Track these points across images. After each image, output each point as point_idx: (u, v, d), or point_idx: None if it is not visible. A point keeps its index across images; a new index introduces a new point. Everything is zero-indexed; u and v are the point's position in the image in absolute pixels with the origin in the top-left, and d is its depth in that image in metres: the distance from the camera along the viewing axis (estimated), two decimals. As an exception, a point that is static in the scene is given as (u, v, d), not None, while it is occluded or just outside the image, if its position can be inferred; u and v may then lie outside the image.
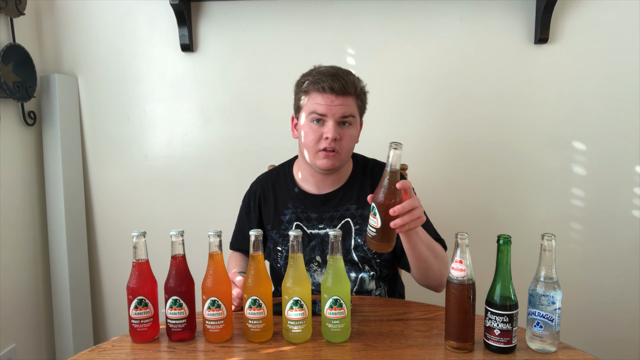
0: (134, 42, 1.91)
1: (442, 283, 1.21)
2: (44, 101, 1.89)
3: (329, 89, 1.17)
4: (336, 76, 1.19)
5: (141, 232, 0.99)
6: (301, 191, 1.33)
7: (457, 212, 1.88)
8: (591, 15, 1.75)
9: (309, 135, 1.21)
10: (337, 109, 1.18)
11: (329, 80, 1.18)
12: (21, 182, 1.84)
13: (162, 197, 1.98)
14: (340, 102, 1.19)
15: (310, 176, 1.31)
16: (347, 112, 1.20)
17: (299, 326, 0.98)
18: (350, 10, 1.82)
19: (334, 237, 0.96)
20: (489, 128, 1.84)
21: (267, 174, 1.42)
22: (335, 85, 1.17)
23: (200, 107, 1.93)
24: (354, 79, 1.22)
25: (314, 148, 1.21)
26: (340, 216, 1.29)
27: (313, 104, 1.20)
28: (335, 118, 1.19)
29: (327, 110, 1.18)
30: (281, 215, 1.32)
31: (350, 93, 1.20)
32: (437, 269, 1.18)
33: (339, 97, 1.18)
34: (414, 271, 1.20)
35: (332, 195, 1.30)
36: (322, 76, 1.19)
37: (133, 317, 0.99)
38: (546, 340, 0.94)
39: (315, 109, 1.19)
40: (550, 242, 0.91)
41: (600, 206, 1.85)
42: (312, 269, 1.30)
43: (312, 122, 1.21)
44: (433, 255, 1.16)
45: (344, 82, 1.18)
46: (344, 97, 1.19)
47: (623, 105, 1.79)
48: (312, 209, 1.30)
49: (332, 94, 1.18)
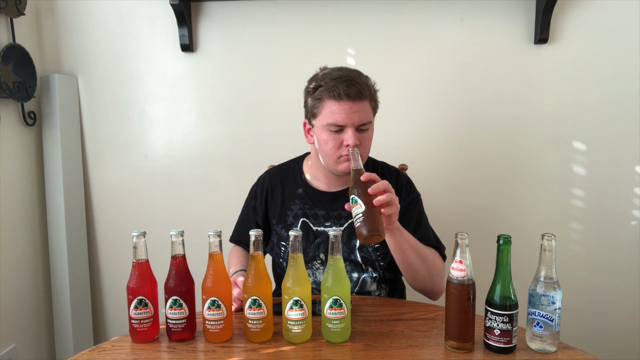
0: (133, 42, 1.91)
1: (434, 290, 1.23)
2: (44, 101, 1.89)
3: (345, 95, 1.14)
4: (350, 81, 1.15)
5: (141, 232, 0.99)
6: (310, 187, 1.32)
7: (457, 212, 1.88)
8: (591, 15, 1.75)
9: (328, 144, 1.18)
10: (356, 117, 1.15)
11: (344, 86, 1.14)
12: (21, 182, 1.84)
13: (162, 197, 1.98)
14: (357, 109, 1.15)
15: (323, 175, 1.30)
16: (365, 119, 1.17)
17: (299, 326, 0.98)
18: (350, 10, 1.82)
19: (334, 237, 0.96)
20: (488, 128, 1.84)
21: (276, 169, 1.42)
22: (351, 91, 1.13)
23: (200, 107, 1.93)
24: (366, 79, 1.19)
25: (334, 155, 1.19)
26: (348, 215, 1.28)
27: (330, 113, 1.16)
28: (354, 126, 1.16)
29: (346, 119, 1.14)
30: (288, 210, 1.32)
31: (365, 97, 1.16)
32: (427, 273, 1.19)
33: (355, 103, 1.15)
34: (403, 274, 1.23)
35: (342, 194, 1.29)
36: (335, 82, 1.15)
37: (133, 317, 1.00)
38: (546, 340, 0.94)
39: (334, 120, 1.15)
40: (550, 242, 0.91)
41: (600, 206, 1.85)
42: (315, 267, 1.30)
43: (328, 130, 1.18)
44: (420, 259, 1.17)
45: (359, 86, 1.15)
46: (361, 103, 1.16)
47: (623, 105, 1.79)
48: (320, 206, 1.30)
49: (348, 100, 1.14)
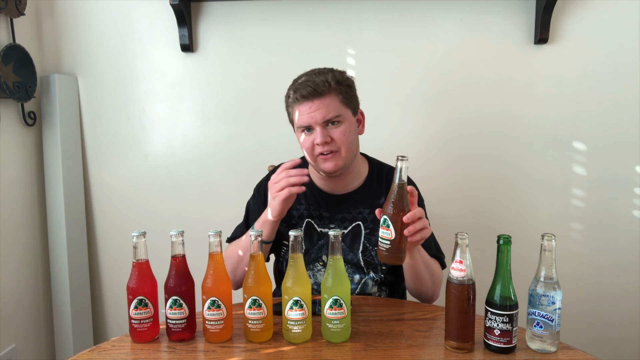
0: (134, 42, 1.91)
1: (432, 298, 1.30)
2: (44, 101, 1.89)
3: (301, 97, 1.18)
4: (307, 82, 1.18)
5: (141, 232, 0.99)
6: (316, 188, 1.32)
7: (457, 212, 1.88)
8: (591, 15, 1.75)
9: (305, 145, 1.22)
10: (317, 114, 1.17)
11: (301, 89, 1.18)
12: (21, 182, 1.84)
13: (162, 197, 1.98)
14: (317, 106, 1.17)
15: (323, 178, 1.31)
16: (329, 114, 1.17)
17: (299, 326, 0.98)
18: (350, 10, 1.82)
19: (334, 237, 0.96)
20: (489, 128, 1.84)
21: None
22: (305, 92, 1.17)
23: (200, 107, 1.93)
24: (327, 76, 1.19)
25: (312, 156, 1.22)
26: (352, 218, 1.28)
27: (297, 116, 1.21)
28: (318, 123, 1.18)
29: (309, 119, 1.18)
30: (293, 210, 1.32)
31: (324, 92, 1.17)
32: (431, 287, 1.25)
33: (314, 101, 1.17)
34: (409, 285, 1.27)
35: (347, 197, 1.30)
36: (297, 86, 1.19)
37: (133, 317, 1.00)
38: (546, 340, 0.94)
39: (300, 122, 1.20)
40: (550, 242, 0.91)
41: (600, 206, 1.84)
42: (317, 268, 1.30)
43: (303, 132, 1.22)
44: (429, 274, 1.21)
45: (314, 84, 1.17)
46: (321, 99, 1.17)
47: (623, 105, 1.79)
48: (325, 207, 1.30)
49: (307, 101, 1.17)
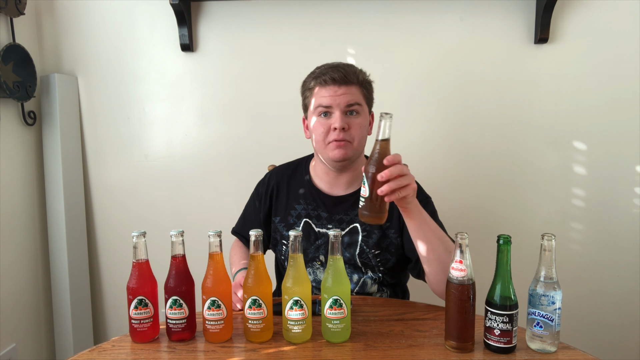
0: (134, 42, 1.91)
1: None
2: (44, 101, 1.89)
3: (330, 80, 1.19)
4: (337, 67, 1.21)
5: (141, 232, 0.99)
6: (315, 188, 1.32)
7: (457, 212, 1.88)
8: (591, 15, 1.75)
9: (317, 130, 1.22)
10: (342, 98, 1.19)
11: (330, 72, 1.20)
12: (21, 182, 1.84)
13: (162, 197, 1.98)
14: (343, 92, 1.19)
15: (325, 174, 1.31)
16: (352, 100, 1.20)
17: (299, 326, 0.98)
18: (351, 10, 1.82)
19: (334, 237, 0.96)
20: (489, 128, 1.84)
21: (284, 166, 1.42)
22: (336, 76, 1.19)
23: (200, 107, 1.93)
24: (356, 69, 1.24)
25: (324, 141, 1.22)
26: (350, 220, 1.28)
27: (318, 98, 1.22)
28: (340, 108, 1.19)
29: (332, 100, 1.19)
30: (291, 210, 1.32)
31: (352, 82, 1.20)
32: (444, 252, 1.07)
33: (341, 86, 1.19)
34: (427, 269, 1.11)
35: (346, 198, 1.30)
36: (324, 70, 1.22)
37: (133, 317, 1.00)
38: (546, 340, 0.94)
39: (320, 102, 1.21)
40: (550, 242, 0.91)
41: (600, 206, 1.84)
42: (315, 267, 1.30)
43: (319, 116, 1.22)
44: (444, 248, 1.07)
45: (345, 71, 1.20)
46: (347, 86, 1.20)
47: (623, 105, 1.79)
48: (323, 207, 1.30)
49: (334, 85, 1.19)
